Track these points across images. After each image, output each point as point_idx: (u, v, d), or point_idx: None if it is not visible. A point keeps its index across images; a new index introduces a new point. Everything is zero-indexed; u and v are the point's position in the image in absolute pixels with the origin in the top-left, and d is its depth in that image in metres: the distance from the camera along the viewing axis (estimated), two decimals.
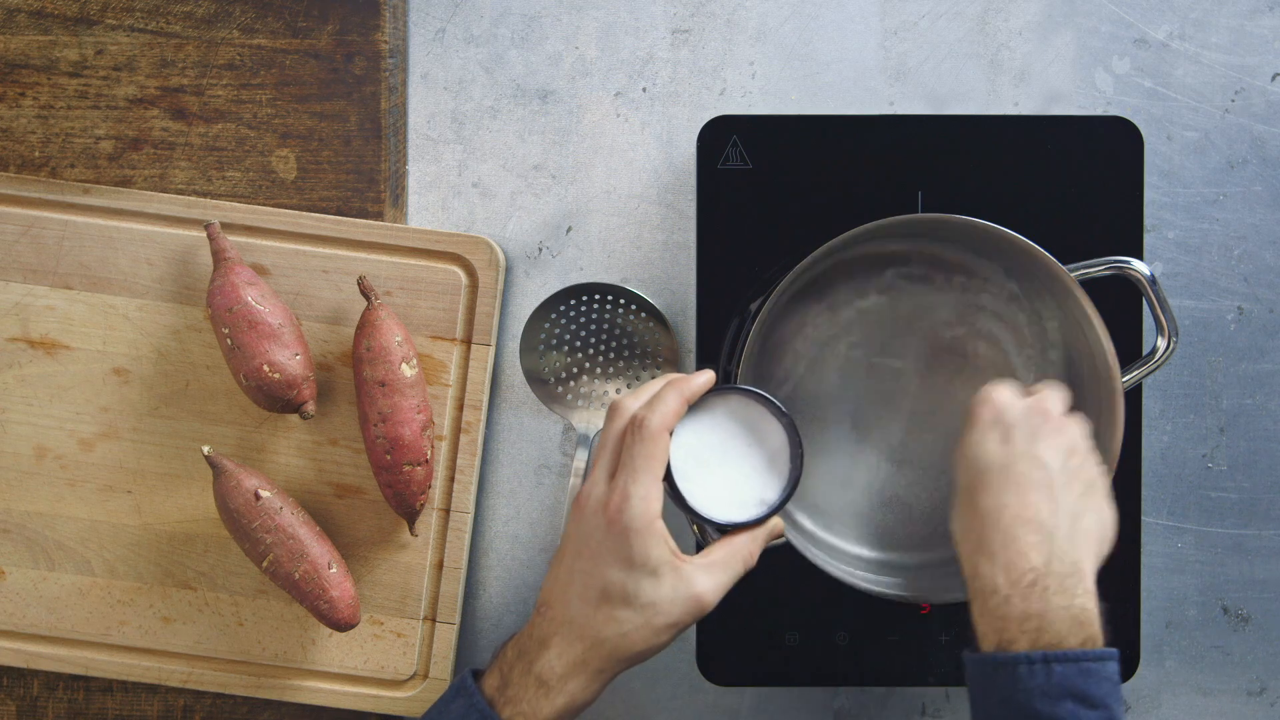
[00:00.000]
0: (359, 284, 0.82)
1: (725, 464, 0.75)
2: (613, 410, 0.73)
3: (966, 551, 0.68)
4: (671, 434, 0.72)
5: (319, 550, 0.82)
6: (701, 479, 0.74)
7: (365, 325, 0.82)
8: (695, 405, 0.74)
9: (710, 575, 0.70)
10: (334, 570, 0.82)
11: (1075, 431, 0.71)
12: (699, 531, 0.79)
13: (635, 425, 0.71)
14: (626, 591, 0.69)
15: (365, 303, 0.85)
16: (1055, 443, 0.69)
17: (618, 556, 0.69)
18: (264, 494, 0.81)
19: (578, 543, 0.71)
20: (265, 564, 0.81)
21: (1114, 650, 0.64)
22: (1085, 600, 0.64)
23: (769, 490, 0.75)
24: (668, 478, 0.72)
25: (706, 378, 0.73)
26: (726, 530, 0.74)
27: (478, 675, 0.73)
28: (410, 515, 0.84)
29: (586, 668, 0.70)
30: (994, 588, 0.65)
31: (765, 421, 0.75)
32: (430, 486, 0.85)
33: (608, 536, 0.69)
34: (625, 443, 0.71)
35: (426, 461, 0.83)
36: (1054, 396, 0.73)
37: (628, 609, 0.69)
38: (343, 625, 0.82)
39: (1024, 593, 0.63)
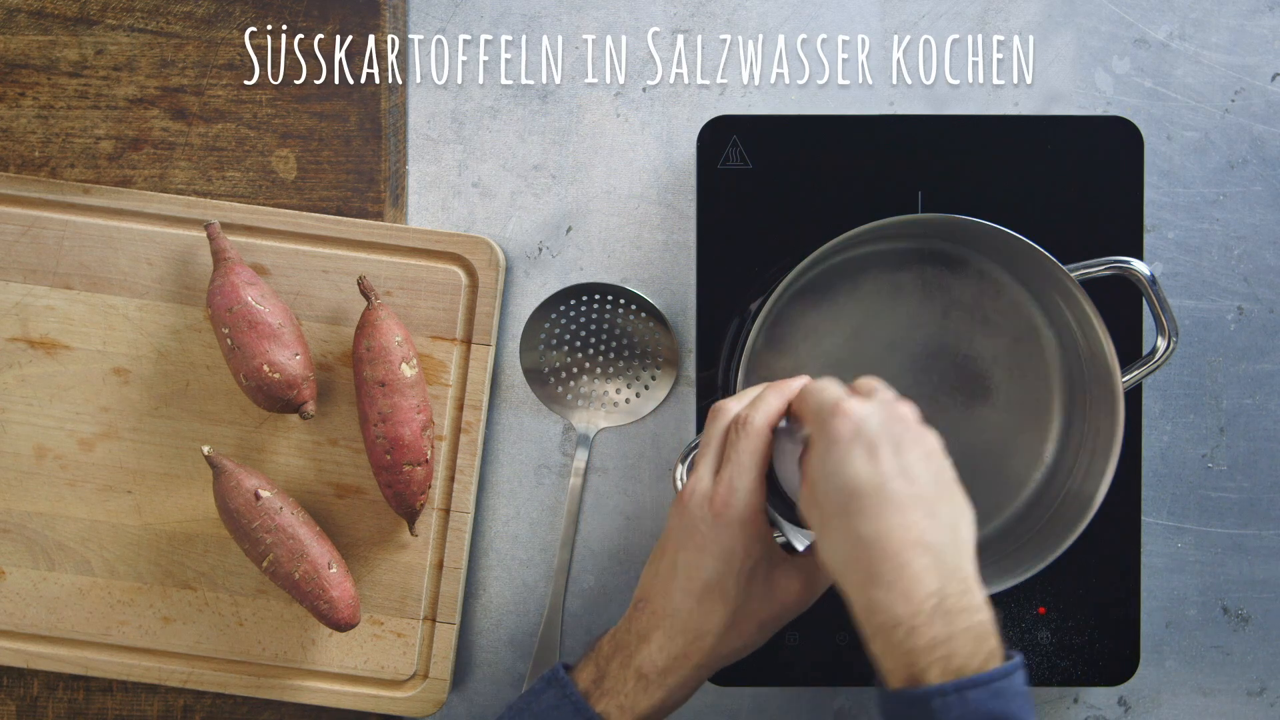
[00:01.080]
0: (359, 284, 0.82)
1: None
2: (714, 412, 0.73)
3: (855, 583, 0.64)
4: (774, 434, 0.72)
5: (319, 550, 0.82)
6: (800, 481, 0.74)
7: (365, 325, 0.82)
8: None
9: (809, 574, 0.71)
10: (334, 570, 0.82)
11: (929, 435, 0.67)
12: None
13: (740, 423, 0.71)
14: (728, 586, 0.69)
15: (365, 303, 0.85)
16: (919, 451, 0.65)
17: (722, 549, 0.69)
18: (264, 494, 0.81)
19: (681, 536, 0.71)
20: (265, 564, 0.81)
21: (1018, 658, 0.63)
22: (982, 614, 0.63)
23: None
24: (770, 476, 0.72)
25: (803, 381, 0.73)
26: None
27: (568, 669, 0.73)
28: (410, 515, 0.84)
29: (688, 662, 0.70)
30: (895, 620, 0.62)
31: None
32: (430, 486, 0.85)
33: (713, 530, 0.70)
34: (729, 439, 0.71)
35: (426, 461, 0.83)
36: (893, 396, 0.69)
37: (729, 604, 0.70)
38: (343, 625, 0.82)
39: (927, 620, 0.61)
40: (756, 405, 0.72)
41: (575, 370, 0.88)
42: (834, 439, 0.66)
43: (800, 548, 0.76)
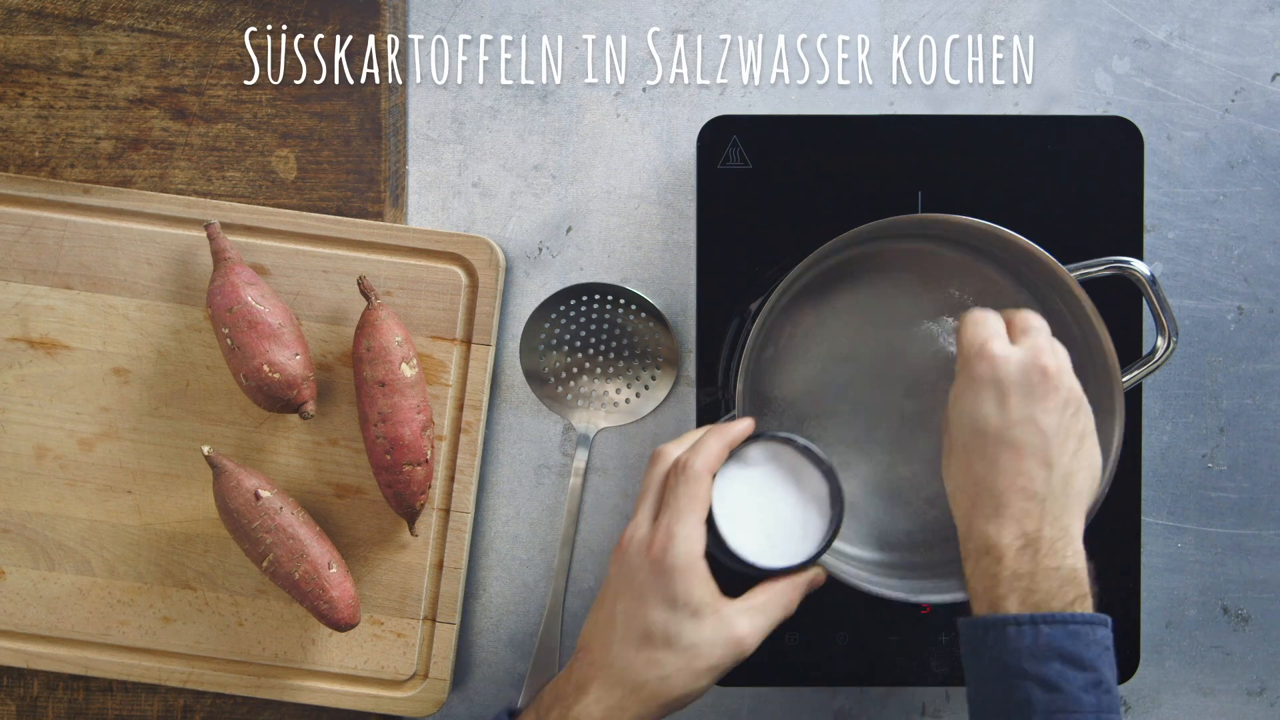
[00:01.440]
0: (359, 284, 0.82)
1: (766, 510, 0.75)
2: (655, 456, 0.74)
3: (961, 509, 0.69)
4: (714, 479, 0.72)
5: (319, 550, 0.82)
6: (743, 524, 0.74)
7: (365, 325, 0.82)
8: (736, 452, 0.75)
9: (751, 618, 0.71)
10: (334, 570, 0.82)
11: (1067, 384, 0.70)
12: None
13: (679, 468, 0.71)
14: (669, 633, 0.69)
15: (365, 303, 0.85)
16: (1052, 402, 0.68)
17: (661, 597, 0.69)
18: (264, 494, 0.81)
19: (619, 584, 0.71)
20: (265, 564, 0.81)
21: (1104, 617, 0.66)
22: (1075, 560, 0.66)
23: (809, 538, 0.75)
24: (710, 522, 0.73)
25: (747, 424, 0.74)
26: (767, 576, 0.74)
27: (513, 715, 0.73)
28: (410, 515, 0.84)
29: (625, 713, 0.70)
30: (986, 548, 0.66)
31: (805, 469, 0.76)
32: (430, 486, 0.85)
33: (651, 577, 0.70)
34: (669, 485, 0.72)
35: (426, 461, 0.83)
36: (1044, 344, 0.71)
37: (669, 651, 0.69)
38: (343, 625, 0.82)
39: (1016, 555, 0.65)
40: (697, 450, 0.72)
41: (575, 370, 0.88)
42: (972, 378, 0.69)
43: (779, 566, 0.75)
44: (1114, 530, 0.84)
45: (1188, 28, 0.89)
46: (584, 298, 0.87)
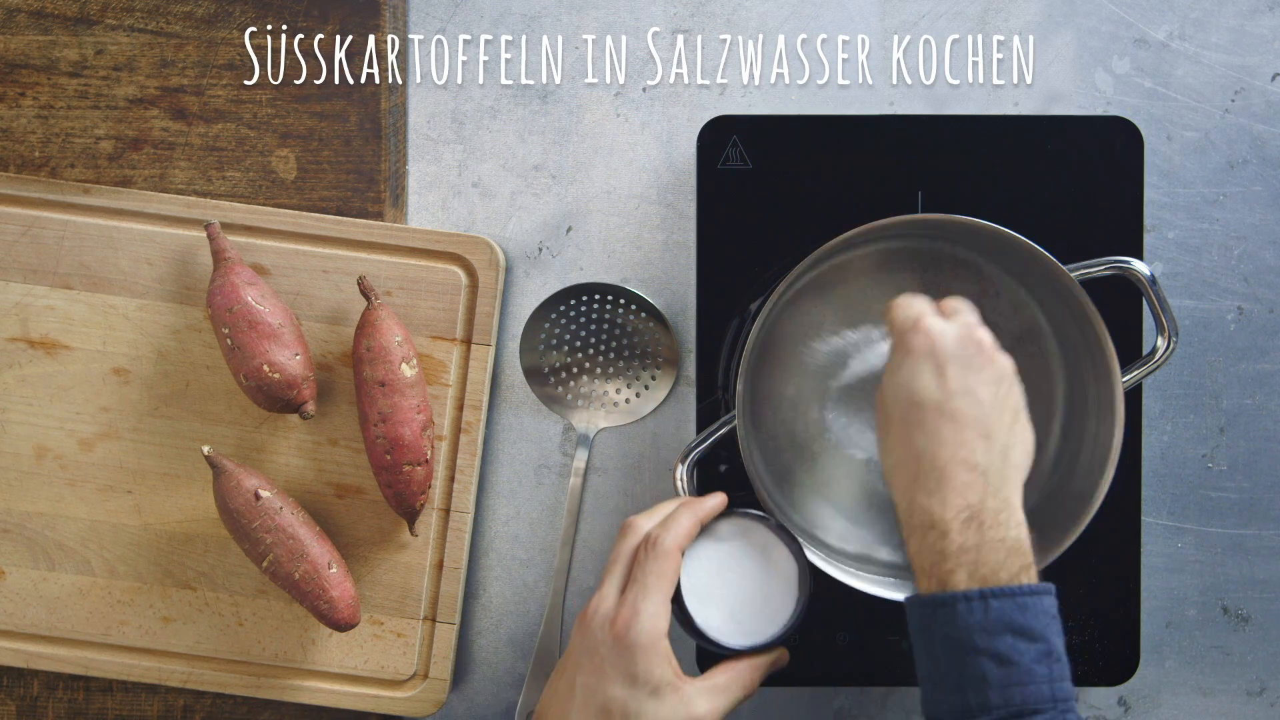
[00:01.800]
0: (359, 284, 0.82)
1: (733, 587, 0.75)
2: (625, 528, 0.74)
3: (901, 485, 0.69)
4: (683, 554, 0.73)
5: (319, 550, 0.82)
6: (708, 600, 0.75)
7: (365, 325, 0.82)
8: (707, 526, 0.75)
9: (711, 699, 0.71)
10: (334, 570, 0.82)
11: (1002, 360, 0.70)
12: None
13: (649, 543, 0.72)
14: (627, 710, 0.69)
15: (365, 303, 0.85)
16: (988, 375, 0.69)
17: (621, 673, 0.69)
18: (264, 494, 0.81)
19: (580, 656, 0.71)
20: (265, 564, 0.81)
21: (1049, 585, 0.66)
22: (1018, 531, 0.66)
23: (775, 618, 0.75)
24: (676, 598, 0.73)
25: (719, 500, 0.75)
26: (730, 655, 0.74)
27: None
28: (410, 515, 0.84)
29: None
30: (930, 522, 0.66)
31: (775, 547, 0.76)
32: (430, 486, 0.85)
33: (613, 652, 0.70)
34: (638, 559, 0.72)
35: (426, 461, 0.83)
36: (976, 321, 0.71)
37: None
38: (343, 625, 0.82)
39: (961, 527, 0.65)
40: (668, 525, 0.72)
41: (575, 370, 0.88)
42: (908, 351, 0.69)
43: (739, 645, 0.75)
44: (1114, 530, 0.84)
45: (1188, 28, 0.89)
46: (584, 298, 0.87)
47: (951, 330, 0.70)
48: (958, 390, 0.68)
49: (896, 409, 0.70)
